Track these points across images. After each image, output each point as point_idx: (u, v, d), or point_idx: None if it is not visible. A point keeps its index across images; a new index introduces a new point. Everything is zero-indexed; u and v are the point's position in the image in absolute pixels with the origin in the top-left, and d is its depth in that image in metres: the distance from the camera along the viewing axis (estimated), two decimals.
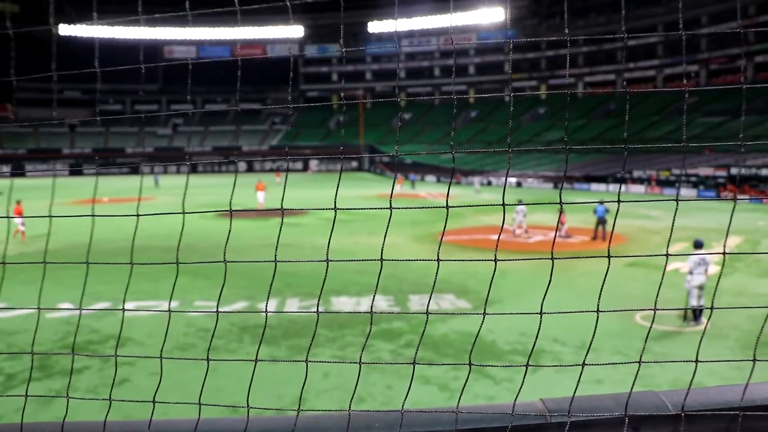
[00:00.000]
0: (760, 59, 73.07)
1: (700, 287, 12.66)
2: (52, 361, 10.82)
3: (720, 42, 76.77)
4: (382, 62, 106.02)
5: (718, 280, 1.96)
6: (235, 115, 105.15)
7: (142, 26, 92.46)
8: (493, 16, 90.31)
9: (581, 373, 1.72)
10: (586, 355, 1.83)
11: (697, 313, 12.73)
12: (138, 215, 1.75)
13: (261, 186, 36.43)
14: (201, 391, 1.77)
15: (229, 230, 1.88)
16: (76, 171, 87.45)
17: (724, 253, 1.67)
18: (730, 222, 1.68)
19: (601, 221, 23.89)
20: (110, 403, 1.68)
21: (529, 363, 1.65)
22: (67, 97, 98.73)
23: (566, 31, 1.88)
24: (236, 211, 1.51)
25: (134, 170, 78.28)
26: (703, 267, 12.65)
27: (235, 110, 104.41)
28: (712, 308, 1.62)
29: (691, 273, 12.75)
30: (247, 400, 1.55)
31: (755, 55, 73.39)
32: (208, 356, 1.69)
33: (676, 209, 1.77)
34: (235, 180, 1.99)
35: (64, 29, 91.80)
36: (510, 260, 1.58)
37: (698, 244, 13.12)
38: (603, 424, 1.57)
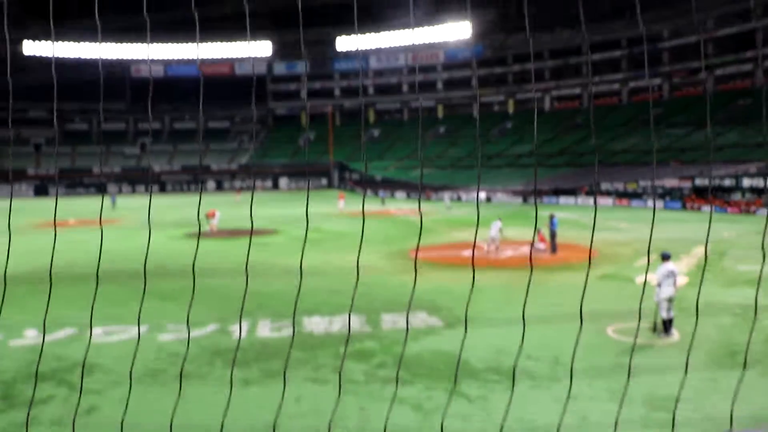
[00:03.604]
0: (720, 72, 74.88)
1: (669, 299, 12.77)
2: (16, 390, 10.52)
3: (681, 56, 78.53)
4: (350, 79, 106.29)
5: (698, 295, 1.94)
6: (204, 133, 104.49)
7: (108, 45, 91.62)
8: (460, 31, 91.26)
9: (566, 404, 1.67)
10: (571, 385, 1.79)
11: (667, 325, 12.84)
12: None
13: (212, 213, 36.02)
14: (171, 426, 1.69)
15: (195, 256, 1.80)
16: (41, 192, 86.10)
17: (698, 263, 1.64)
18: (708, 234, 1.65)
19: (553, 234, 24.26)
20: None
21: (503, 380, 1.60)
22: (31, 116, 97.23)
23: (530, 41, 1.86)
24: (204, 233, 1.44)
25: (101, 190, 77.15)
26: (671, 279, 12.79)
27: (204, 128, 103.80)
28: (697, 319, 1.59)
29: (659, 285, 12.88)
30: None
31: (715, 68, 75.20)
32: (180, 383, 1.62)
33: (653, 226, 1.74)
34: (200, 199, 1.92)
35: (29, 47, 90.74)
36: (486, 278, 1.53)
37: (665, 257, 13.26)
38: None
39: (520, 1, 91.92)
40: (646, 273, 1.70)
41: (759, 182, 44.01)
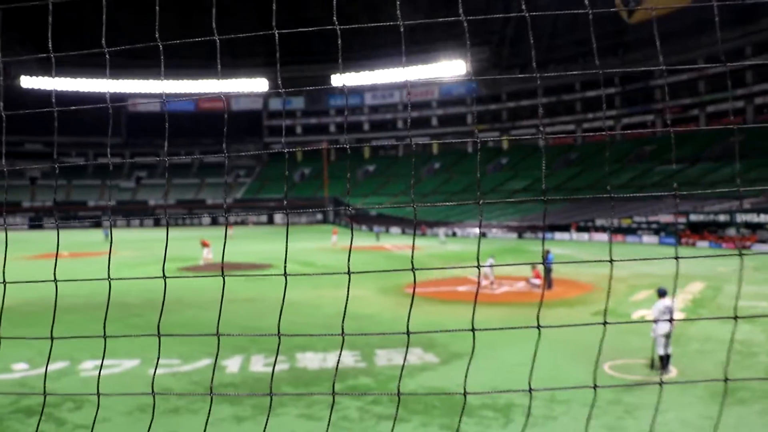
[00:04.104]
0: (712, 109, 75.72)
1: (667, 335, 12.66)
2: (3, 426, 10.30)
3: (673, 93, 79.44)
4: (345, 114, 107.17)
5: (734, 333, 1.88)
6: (199, 167, 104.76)
7: (105, 79, 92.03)
8: (455, 68, 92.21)
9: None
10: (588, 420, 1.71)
11: (664, 362, 12.71)
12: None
13: (206, 242, 36.17)
14: None
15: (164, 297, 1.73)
16: (35, 225, 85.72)
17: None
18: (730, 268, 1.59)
19: (548, 269, 24.19)
20: None
21: (499, 417, 1.52)
22: (27, 149, 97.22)
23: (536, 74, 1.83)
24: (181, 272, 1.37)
25: (96, 224, 76.88)
26: (667, 315, 12.69)
27: (200, 163, 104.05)
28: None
29: (656, 322, 12.76)
30: None
31: (706, 105, 76.08)
32: None
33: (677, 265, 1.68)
34: (166, 234, 1.85)
35: (26, 81, 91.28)
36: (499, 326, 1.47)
37: (661, 293, 13.17)
38: None
39: (514, 40, 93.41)
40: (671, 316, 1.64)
41: (753, 217, 44.12)
